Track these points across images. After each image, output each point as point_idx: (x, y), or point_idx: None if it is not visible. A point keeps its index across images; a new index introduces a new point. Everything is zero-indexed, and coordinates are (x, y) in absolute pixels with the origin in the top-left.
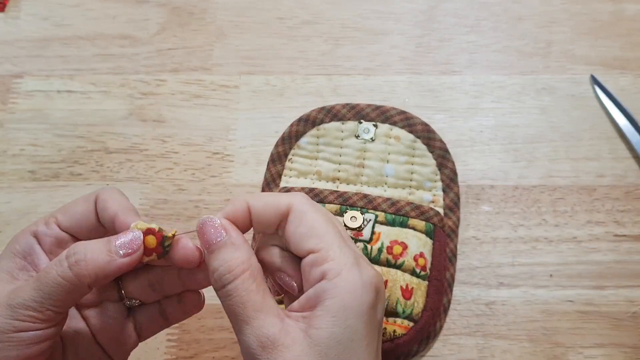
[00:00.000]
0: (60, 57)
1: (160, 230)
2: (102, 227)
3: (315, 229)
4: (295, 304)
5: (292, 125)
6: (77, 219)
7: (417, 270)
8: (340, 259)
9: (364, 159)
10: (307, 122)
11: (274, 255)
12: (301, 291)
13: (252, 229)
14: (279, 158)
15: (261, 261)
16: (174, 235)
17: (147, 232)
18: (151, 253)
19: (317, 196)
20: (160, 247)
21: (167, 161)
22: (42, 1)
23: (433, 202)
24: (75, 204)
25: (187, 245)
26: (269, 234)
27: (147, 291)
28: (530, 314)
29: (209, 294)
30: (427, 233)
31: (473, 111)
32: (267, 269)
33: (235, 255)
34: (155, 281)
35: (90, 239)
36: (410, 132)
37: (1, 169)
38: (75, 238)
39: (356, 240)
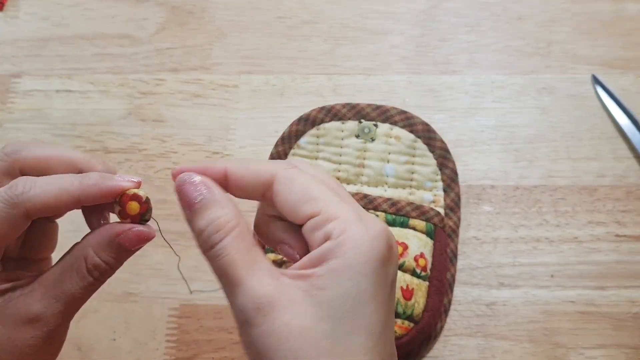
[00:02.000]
0: (59, 56)
1: (147, 200)
2: None
3: (308, 193)
4: (296, 264)
5: (292, 125)
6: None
7: (418, 271)
8: (342, 217)
9: (364, 159)
10: (307, 122)
11: (273, 227)
12: None
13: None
14: (278, 158)
15: (261, 234)
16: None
17: (133, 197)
18: (126, 218)
19: None
20: (138, 217)
21: (166, 161)
22: (41, 0)
23: (434, 202)
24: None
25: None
26: (266, 204)
27: None
28: (531, 315)
29: (207, 294)
30: (428, 233)
31: (473, 111)
32: (269, 242)
33: (223, 213)
34: None
35: None
36: (411, 131)
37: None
38: None
39: None
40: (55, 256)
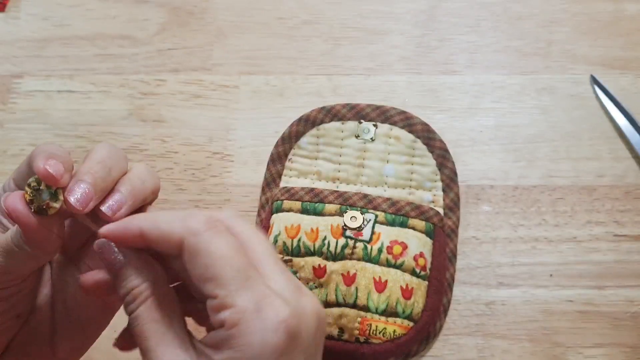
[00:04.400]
0: (60, 57)
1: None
2: None
3: (210, 269)
4: (206, 338)
5: (292, 125)
6: (21, 175)
7: (417, 270)
8: (238, 306)
9: (363, 159)
10: (307, 122)
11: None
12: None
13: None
14: (279, 158)
15: None
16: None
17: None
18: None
19: (317, 196)
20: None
21: (167, 161)
22: (42, 1)
23: (433, 202)
24: (23, 160)
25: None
26: None
27: None
28: (530, 314)
29: None
30: (427, 233)
31: (473, 111)
32: None
33: (137, 282)
34: None
35: None
36: (410, 132)
37: (1, 170)
38: None
39: (356, 240)
40: None
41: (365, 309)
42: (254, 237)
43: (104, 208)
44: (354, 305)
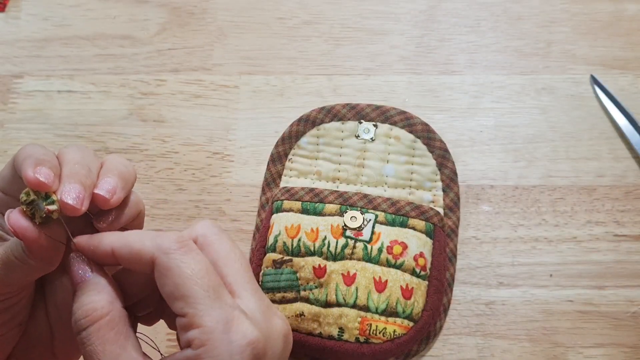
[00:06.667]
0: (60, 57)
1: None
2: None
3: (180, 288)
4: (170, 358)
5: (292, 125)
6: (6, 179)
7: (417, 270)
8: (206, 326)
9: (364, 159)
10: (307, 122)
11: None
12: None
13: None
14: (279, 158)
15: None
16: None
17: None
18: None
19: (317, 196)
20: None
21: (167, 161)
22: (42, 1)
23: (433, 202)
24: (6, 165)
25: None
26: None
27: None
28: (530, 314)
29: None
30: (427, 233)
31: (473, 111)
32: None
33: (95, 298)
34: None
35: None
36: (410, 132)
37: (2, 170)
38: (11, 197)
39: (356, 240)
40: None
41: (365, 308)
42: (230, 254)
43: (101, 192)
44: (354, 305)
